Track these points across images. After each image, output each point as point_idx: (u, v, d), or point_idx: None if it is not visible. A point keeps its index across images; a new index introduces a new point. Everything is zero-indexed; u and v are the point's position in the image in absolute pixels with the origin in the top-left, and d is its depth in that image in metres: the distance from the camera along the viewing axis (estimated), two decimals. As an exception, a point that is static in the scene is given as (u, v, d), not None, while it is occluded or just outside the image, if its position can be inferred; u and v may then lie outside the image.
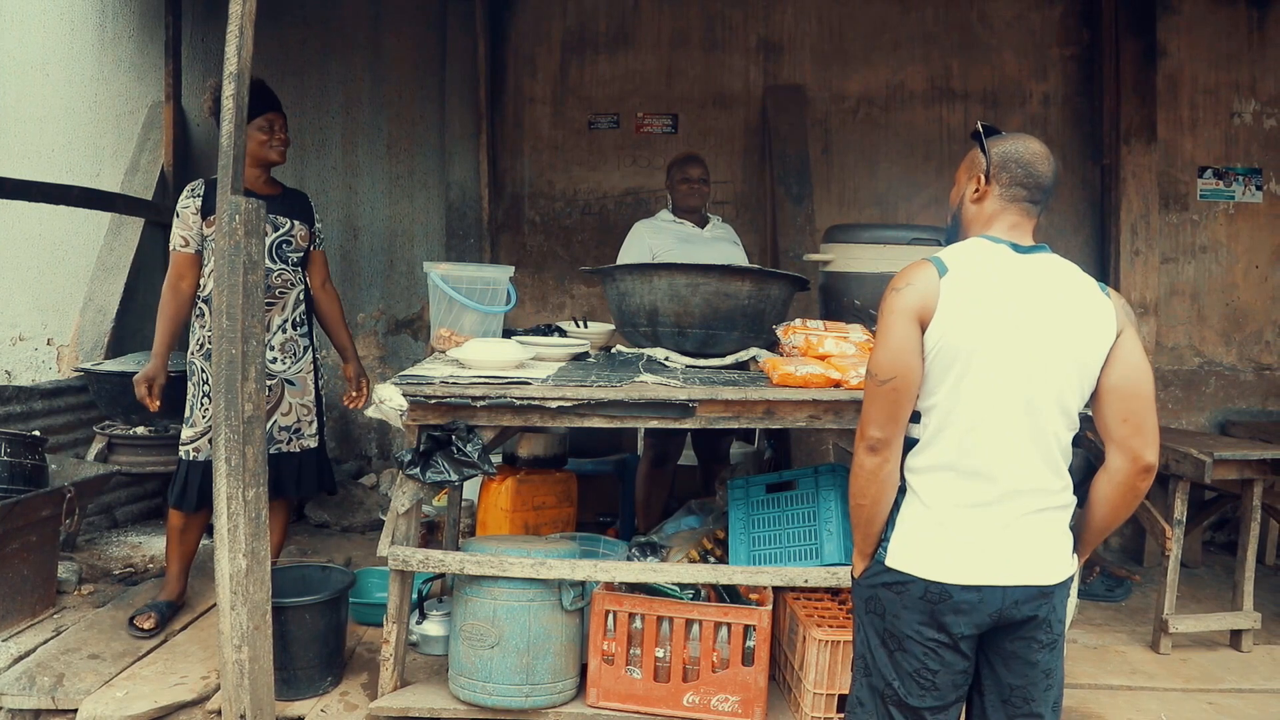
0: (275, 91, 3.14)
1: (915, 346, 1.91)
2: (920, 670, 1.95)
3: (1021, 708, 1.97)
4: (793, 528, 3.11)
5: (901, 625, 1.96)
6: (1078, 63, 5.41)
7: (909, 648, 1.95)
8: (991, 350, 1.89)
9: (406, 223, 5.44)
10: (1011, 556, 1.91)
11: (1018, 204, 1.99)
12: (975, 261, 1.94)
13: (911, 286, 1.91)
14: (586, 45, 5.41)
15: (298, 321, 3.38)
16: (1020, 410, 1.90)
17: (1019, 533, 1.91)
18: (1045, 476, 1.93)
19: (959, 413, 1.91)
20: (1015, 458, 1.91)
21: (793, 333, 2.98)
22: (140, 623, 3.29)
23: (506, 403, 2.64)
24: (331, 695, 2.98)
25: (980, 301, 1.90)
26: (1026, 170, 1.98)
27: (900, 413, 1.92)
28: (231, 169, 2.57)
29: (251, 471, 2.60)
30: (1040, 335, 1.90)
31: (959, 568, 1.90)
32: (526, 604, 2.77)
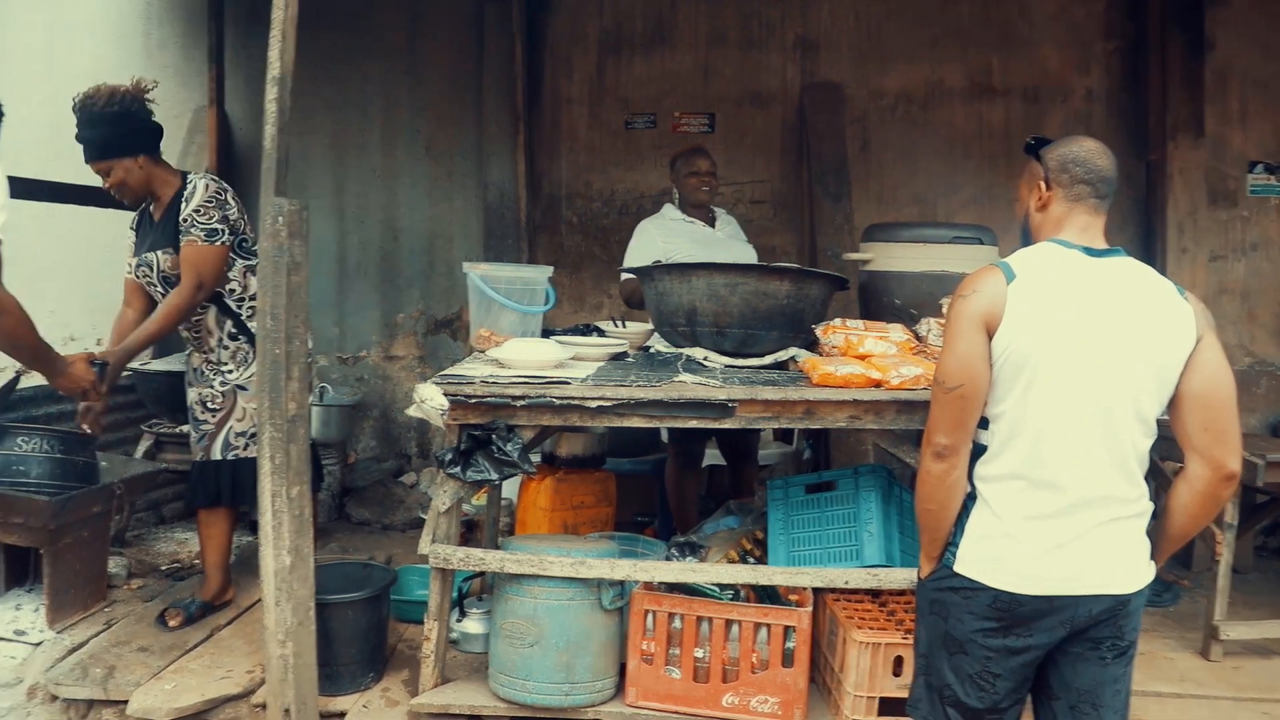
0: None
1: (983, 353, 1.89)
2: (981, 674, 1.94)
3: (1089, 715, 1.95)
4: (833, 528, 3.09)
5: (964, 629, 1.94)
6: (1122, 57, 5.31)
7: (970, 651, 1.94)
8: (1062, 357, 1.86)
9: (445, 224, 5.49)
10: (1084, 566, 1.88)
11: (1084, 202, 1.97)
12: (1045, 266, 1.91)
13: (979, 293, 1.90)
14: (623, 45, 5.42)
15: (231, 334, 3.38)
16: (1093, 417, 1.87)
17: (1092, 542, 1.88)
18: (1119, 485, 1.90)
19: (1028, 420, 1.88)
20: (1088, 466, 1.88)
21: (832, 332, 2.96)
22: (168, 619, 3.35)
23: (546, 402, 2.65)
24: (373, 691, 3.01)
25: (1049, 307, 1.87)
26: (1086, 167, 1.96)
27: (968, 419, 1.91)
28: (275, 171, 2.61)
29: (295, 470, 2.64)
30: (1114, 341, 1.86)
31: (1030, 578, 1.88)
32: (566, 603, 2.77)
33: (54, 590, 3.29)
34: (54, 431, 3.42)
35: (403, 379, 5.51)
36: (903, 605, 2.97)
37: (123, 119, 3.19)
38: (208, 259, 3.23)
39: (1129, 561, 1.91)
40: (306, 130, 5.38)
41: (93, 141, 3.19)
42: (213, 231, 3.24)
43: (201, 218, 3.22)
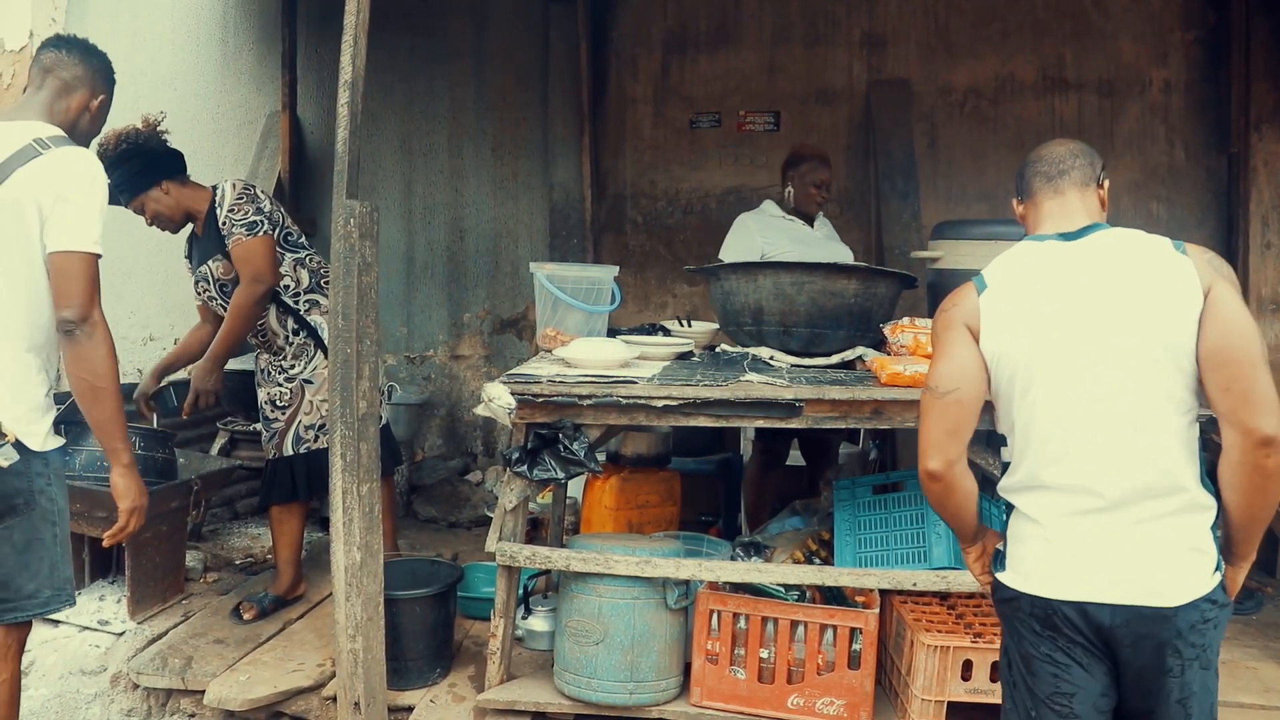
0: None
1: (974, 357, 1.84)
2: (1054, 695, 1.83)
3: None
4: (900, 530, 3.04)
5: (1026, 646, 1.86)
6: (1202, 46, 5.13)
7: (1036, 670, 1.85)
8: (1052, 352, 1.78)
9: (511, 224, 5.54)
10: (1115, 572, 1.75)
11: (1041, 192, 1.94)
12: (1016, 268, 1.87)
13: (957, 306, 1.90)
14: (687, 44, 5.41)
15: (294, 330, 3.45)
16: (1104, 407, 1.75)
17: (1125, 544, 1.75)
18: (1151, 477, 1.74)
19: (1035, 426, 1.81)
20: (1109, 461, 1.75)
21: (900, 331, 2.92)
22: (243, 612, 3.44)
23: (612, 401, 2.66)
24: (440, 686, 3.05)
25: (1026, 307, 1.81)
26: (1033, 167, 1.97)
27: (962, 429, 1.84)
28: (346, 174, 2.65)
29: (365, 467, 2.69)
30: (1110, 322, 1.75)
31: (1062, 583, 1.78)
32: (631, 601, 2.78)
33: (135, 582, 3.41)
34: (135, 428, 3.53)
35: (469, 378, 5.58)
36: (971, 608, 2.92)
37: (134, 156, 3.27)
38: (256, 251, 3.29)
39: (1174, 567, 1.74)
40: (375, 132, 5.48)
41: (118, 185, 3.26)
42: (252, 224, 3.29)
43: (238, 215, 3.29)
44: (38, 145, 2.24)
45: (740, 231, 3.91)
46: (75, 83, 2.42)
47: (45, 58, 2.41)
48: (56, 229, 2.21)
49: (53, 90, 2.40)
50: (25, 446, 2.25)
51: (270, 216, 3.37)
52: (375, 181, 5.52)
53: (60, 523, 2.36)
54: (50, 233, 2.21)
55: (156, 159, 3.34)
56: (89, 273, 2.24)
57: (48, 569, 2.33)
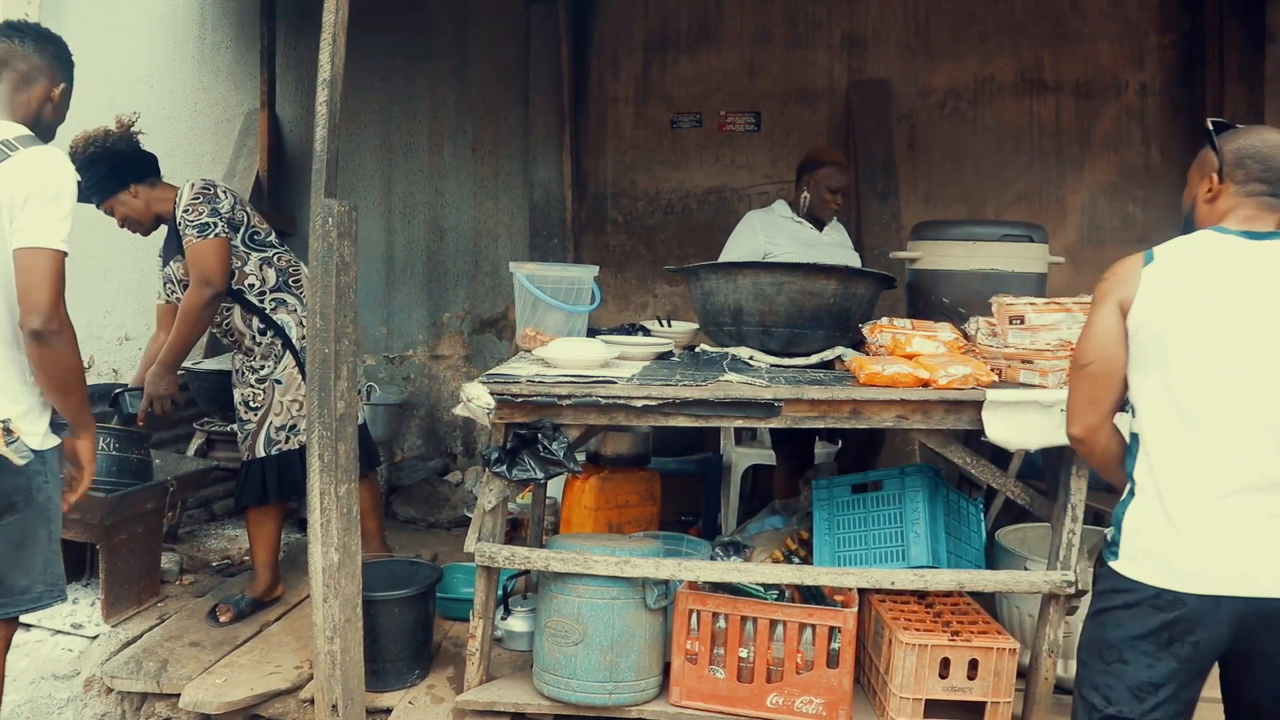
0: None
1: (1117, 333, 1.89)
2: (1141, 685, 1.85)
3: None
4: (878, 529, 3.05)
5: (1122, 634, 1.87)
6: (1177, 50, 5.19)
7: (1129, 659, 1.86)
8: (1206, 337, 1.81)
9: (491, 223, 5.53)
10: (1254, 563, 1.78)
11: (1255, 199, 1.89)
12: (1191, 251, 1.89)
13: (1115, 276, 1.93)
14: (668, 44, 5.41)
15: (260, 330, 3.42)
16: (1252, 399, 1.79)
17: (1265, 536, 1.78)
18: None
19: (1177, 404, 1.84)
20: (1250, 450, 1.79)
21: (879, 331, 2.93)
22: (219, 614, 3.41)
23: (592, 401, 2.65)
24: (419, 688, 3.04)
25: (1189, 288, 1.84)
26: (1265, 164, 1.88)
27: (1101, 399, 1.94)
28: (325, 173, 2.64)
29: (343, 468, 2.67)
30: (1271, 317, 1.79)
31: (1195, 574, 1.80)
32: (610, 601, 2.77)
33: (109, 585, 3.37)
34: (110, 429, 3.50)
35: (449, 378, 5.56)
36: (949, 607, 2.93)
37: (102, 159, 3.24)
38: (205, 253, 3.22)
39: None
40: (355, 131, 5.46)
41: (88, 188, 3.25)
42: (204, 226, 3.22)
43: (190, 216, 3.23)
44: (5, 147, 2.20)
45: (745, 230, 3.82)
46: (34, 73, 2.36)
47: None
48: (23, 226, 2.17)
49: (11, 83, 2.34)
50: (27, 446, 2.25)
51: (229, 217, 3.31)
52: (355, 180, 5.49)
53: (55, 520, 2.36)
54: (16, 230, 2.18)
55: (125, 162, 3.30)
56: (55, 269, 2.19)
57: (41, 565, 2.33)
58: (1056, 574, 2.69)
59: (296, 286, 3.47)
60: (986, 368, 2.68)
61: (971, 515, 3.22)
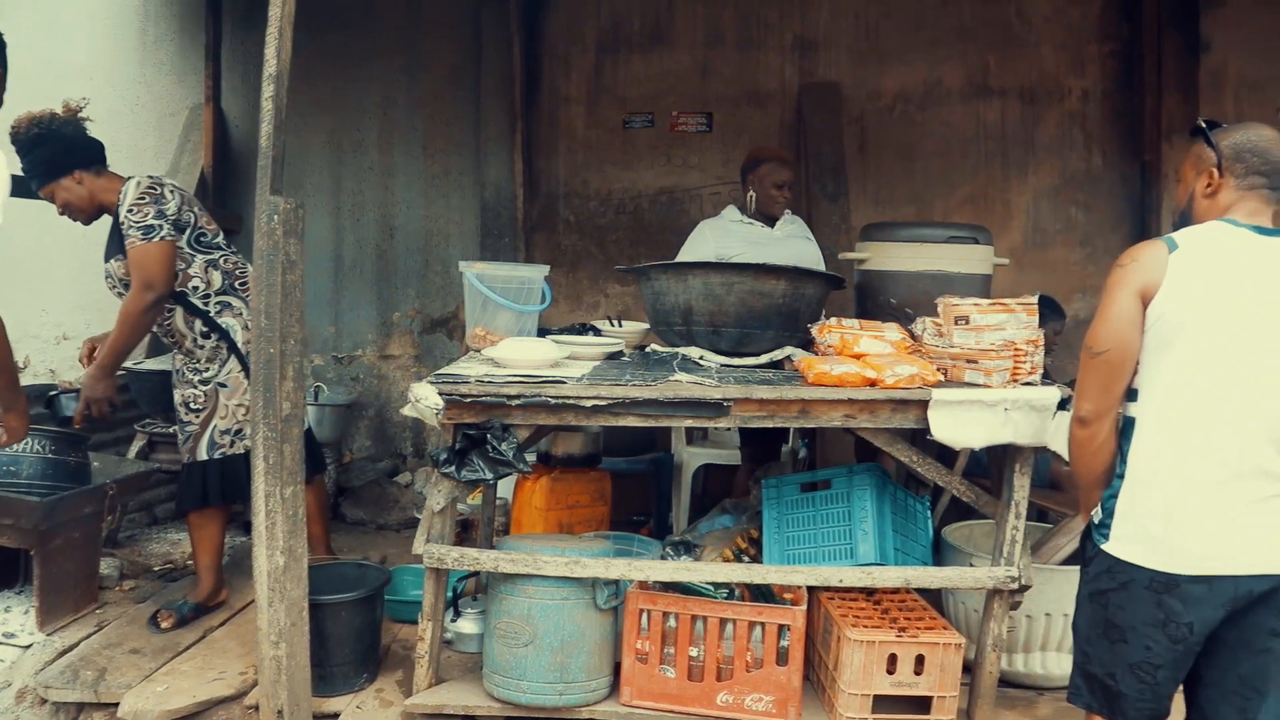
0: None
1: (1134, 321, 1.93)
2: (1141, 664, 1.95)
3: (1252, 700, 1.93)
4: (827, 527, 3.08)
5: (1125, 616, 1.96)
6: (1117, 58, 5.31)
7: (1131, 639, 1.95)
8: (1220, 328, 1.88)
9: (442, 222, 5.49)
10: (1243, 544, 1.88)
11: (1256, 192, 1.98)
12: (1210, 241, 1.94)
13: (1137, 262, 1.95)
14: (621, 44, 5.41)
15: (203, 332, 3.35)
16: (1252, 390, 1.88)
17: (1251, 518, 1.89)
18: (1277, 460, 1.90)
19: (1182, 391, 1.91)
20: (1246, 440, 1.89)
21: (828, 331, 2.95)
22: (161, 620, 3.34)
23: (541, 401, 2.64)
24: (367, 692, 3.00)
25: (1211, 279, 1.89)
26: (1264, 158, 1.97)
27: (1113, 385, 1.97)
28: (270, 170, 2.60)
29: (289, 470, 2.64)
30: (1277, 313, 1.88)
31: (1188, 556, 1.89)
32: (561, 602, 2.77)
33: (44, 592, 3.27)
34: (45, 431, 3.41)
35: (398, 378, 5.50)
36: (896, 603, 2.97)
37: (46, 141, 3.16)
38: (148, 257, 3.14)
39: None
40: (303, 128, 5.38)
41: (28, 171, 3.18)
42: (149, 229, 3.14)
43: (135, 216, 3.15)
44: None
45: (697, 239, 3.84)
46: None
47: None
48: None
49: None
50: None
51: (175, 218, 3.22)
52: (302, 178, 5.41)
53: None
54: None
55: (71, 146, 3.22)
56: None
57: None
58: (1000, 570, 2.74)
59: (243, 289, 3.40)
60: (932, 367, 2.72)
61: (919, 513, 3.26)
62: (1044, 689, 3.09)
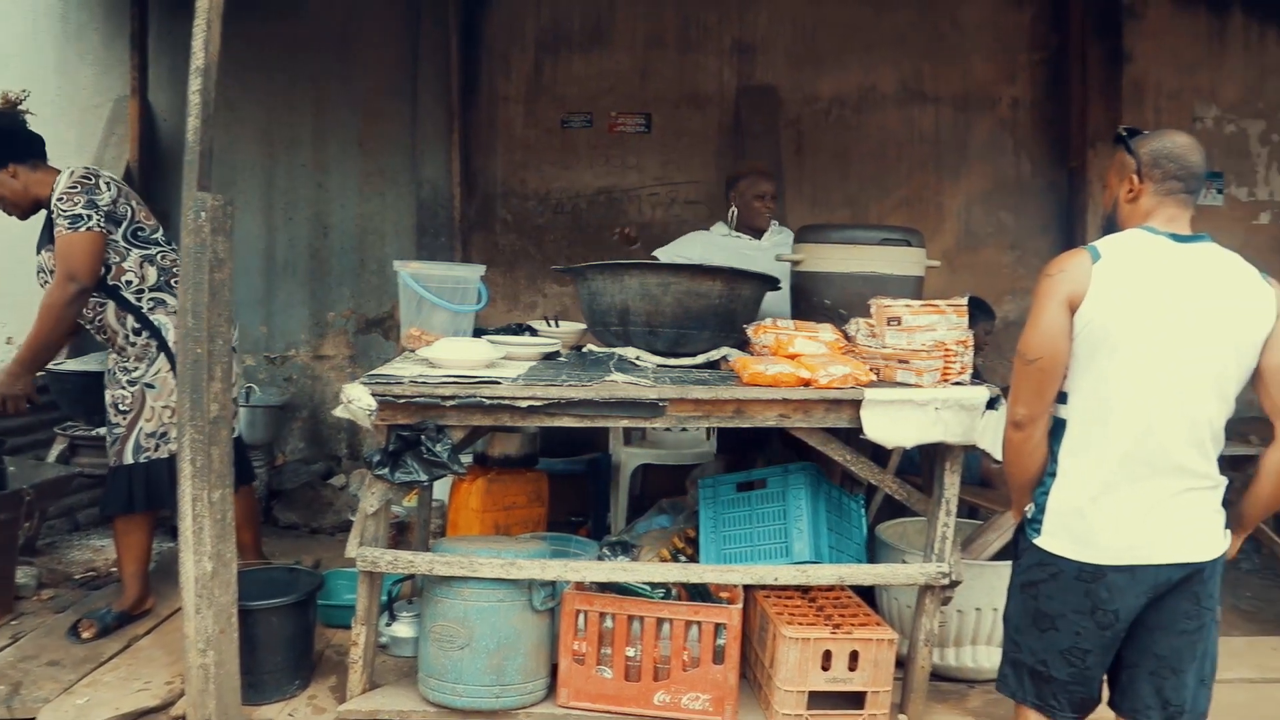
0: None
1: (1064, 329, 2.00)
2: (1071, 649, 2.06)
3: (1169, 679, 2.05)
4: (762, 526, 3.11)
5: (1056, 605, 2.06)
6: (1046, 67, 5.46)
7: (1061, 627, 2.06)
8: (1142, 333, 1.97)
9: (377, 221, 5.40)
10: (1162, 535, 2.00)
11: (1174, 196, 2.07)
12: (1131, 249, 2.03)
13: (1064, 273, 2.02)
14: (560, 44, 5.40)
15: (135, 329, 3.28)
16: (1173, 392, 1.98)
17: (1169, 512, 2.00)
18: (1195, 458, 2.01)
19: (1109, 394, 2.00)
20: (1166, 439, 1.99)
21: (763, 332, 2.98)
22: (81, 630, 3.23)
23: (476, 402, 2.62)
24: (299, 699, 2.95)
25: (1132, 286, 1.98)
26: (1179, 163, 2.06)
27: (1046, 390, 2.04)
28: (197, 165, 2.54)
29: (217, 473, 2.58)
30: (1196, 320, 1.97)
31: (1111, 549, 2.00)
32: (497, 604, 2.75)
33: (-44, 602, 3.16)
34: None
35: (333, 379, 5.40)
36: (831, 601, 3.01)
37: None
38: (74, 247, 3.05)
39: (1205, 530, 2.04)
40: (234, 122, 5.25)
41: None
42: (76, 218, 3.06)
43: (64, 205, 3.08)
44: None
45: (684, 242, 3.94)
46: None
47: None
48: None
49: None
50: None
51: (109, 210, 3.16)
52: (233, 174, 5.29)
53: None
54: None
55: (6, 139, 3.15)
56: None
57: None
58: (932, 566, 2.79)
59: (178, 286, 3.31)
60: (865, 367, 2.76)
61: (853, 511, 3.31)
62: (975, 682, 3.16)
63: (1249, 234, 5.33)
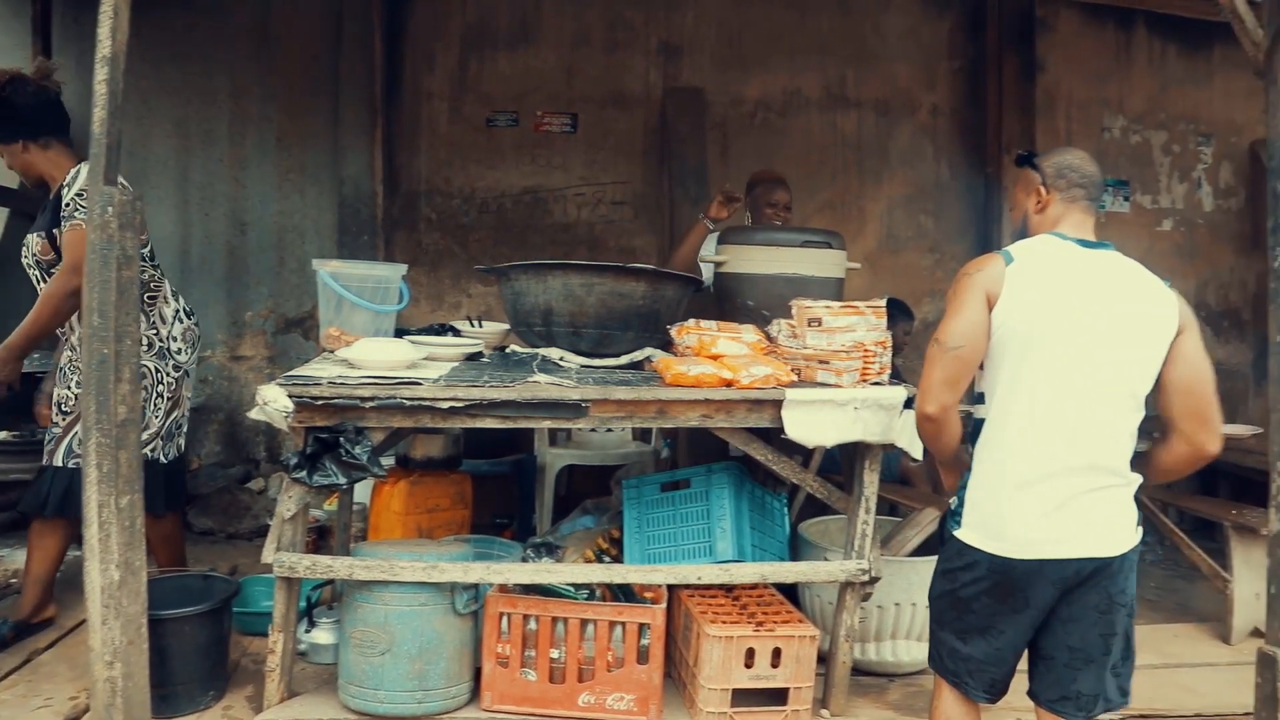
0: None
1: (984, 321, 2.08)
2: (987, 629, 2.15)
3: (1082, 670, 2.13)
4: (686, 526, 3.13)
5: (971, 592, 2.14)
6: (965, 75, 5.61)
7: (976, 609, 2.14)
8: (1054, 335, 2.04)
9: (298, 218, 5.28)
10: (1073, 531, 2.07)
11: (1079, 204, 2.19)
12: (1041, 254, 2.11)
13: (982, 272, 2.10)
14: (486, 41, 5.34)
15: None
16: (1085, 392, 2.06)
17: (1081, 508, 2.07)
18: (1107, 456, 2.09)
19: (1023, 393, 2.07)
20: (1078, 437, 2.06)
21: (686, 333, 3.00)
22: None
23: (396, 403, 2.58)
24: (214, 710, 2.87)
25: (1044, 289, 2.06)
26: (1080, 173, 2.19)
27: (960, 381, 2.11)
28: (104, 158, 2.45)
29: (125, 478, 2.49)
30: (1107, 322, 2.06)
31: (1022, 542, 2.07)
32: (419, 608, 2.71)
33: None
34: None
35: (250, 380, 5.26)
36: (755, 599, 3.04)
37: None
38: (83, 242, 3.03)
39: (1116, 526, 2.11)
40: (146, 115, 5.08)
41: None
42: None
43: (84, 200, 3.00)
44: None
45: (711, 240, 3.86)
46: None
47: None
48: None
49: None
50: None
51: None
52: (145, 168, 5.11)
53: None
54: None
55: (23, 115, 3.15)
56: None
57: None
58: (852, 563, 2.84)
59: (149, 303, 3.35)
60: (787, 368, 2.80)
61: (776, 510, 3.35)
62: (895, 675, 3.23)
63: (1153, 240, 5.56)
